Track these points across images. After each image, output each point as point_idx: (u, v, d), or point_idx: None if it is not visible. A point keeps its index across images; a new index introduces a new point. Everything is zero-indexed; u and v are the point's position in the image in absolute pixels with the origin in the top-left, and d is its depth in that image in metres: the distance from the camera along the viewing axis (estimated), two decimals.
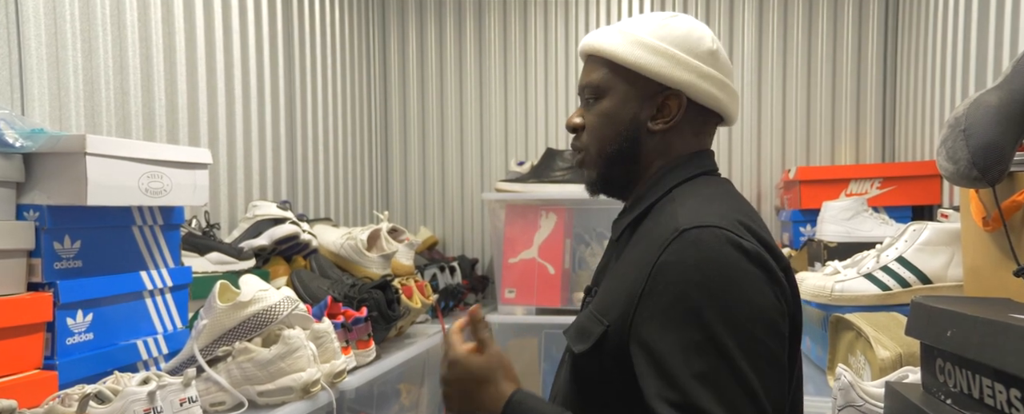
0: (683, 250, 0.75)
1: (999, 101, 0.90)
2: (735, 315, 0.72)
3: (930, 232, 1.22)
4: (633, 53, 0.85)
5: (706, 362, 0.71)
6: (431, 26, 2.67)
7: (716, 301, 0.72)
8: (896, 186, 1.92)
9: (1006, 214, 0.89)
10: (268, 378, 1.13)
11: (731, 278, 0.73)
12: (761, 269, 0.75)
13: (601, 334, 0.80)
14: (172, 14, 1.58)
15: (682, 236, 0.76)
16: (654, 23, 0.87)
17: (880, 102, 2.39)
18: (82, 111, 1.33)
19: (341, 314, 1.41)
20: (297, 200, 2.12)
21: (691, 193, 0.84)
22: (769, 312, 0.74)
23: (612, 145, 0.87)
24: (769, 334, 0.74)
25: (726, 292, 0.73)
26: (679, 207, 0.81)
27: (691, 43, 0.86)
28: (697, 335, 0.72)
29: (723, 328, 0.71)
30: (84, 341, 1.03)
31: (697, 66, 0.85)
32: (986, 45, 1.56)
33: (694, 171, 0.87)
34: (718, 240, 0.74)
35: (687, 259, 0.74)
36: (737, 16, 2.46)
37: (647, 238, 0.81)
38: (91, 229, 1.04)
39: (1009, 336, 0.57)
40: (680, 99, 0.85)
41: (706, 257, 0.74)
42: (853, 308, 1.22)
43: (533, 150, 2.62)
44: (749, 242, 0.75)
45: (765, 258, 0.76)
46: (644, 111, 0.86)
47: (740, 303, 0.73)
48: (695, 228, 0.76)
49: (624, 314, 0.78)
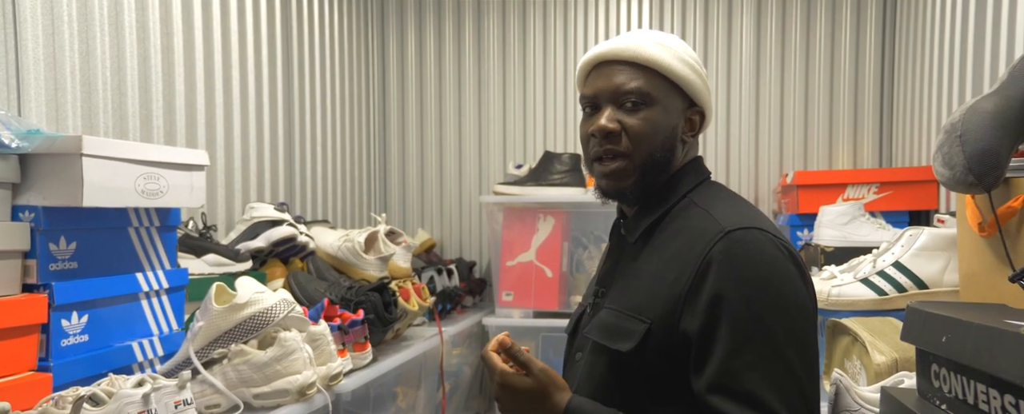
0: (731, 249, 0.81)
1: (995, 107, 0.90)
2: (784, 310, 0.80)
3: (926, 237, 1.22)
4: (682, 70, 0.91)
5: (758, 353, 0.78)
6: (430, 28, 2.67)
7: (764, 296, 0.79)
8: (893, 191, 1.93)
9: (1001, 220, 0.89)
10: (264, 380, 1.12)
11: (778, 275, 0.80)
12: (798, 269, 0.83)
13: (644, 332, 0.84)
14: (170, 15, 1.58)
15: (729, 236, 0.82)
16: (678, 42, 0.94)
17: (877, 107, 2.40)
18: (79, 112, 1.33)
19: (338, 316, 1.40)
20: (295, 202, 2.12)
21: (710, 196, 0.91)
22: (808, 307, 0.83)
23: (659, 152, 0.91)
24: (808, 325, 0.82)
25: (774, 288, 0.80)
26: (711, 210, 0.87)
27: (700, 64, 0.95)
28: (748, 327, 0.78)
29: (773, 321, 0.79)
30: (79, 343, 1.02)
31: (707, 86, 0.95)
32: (983, 51, 1.57)
33: (701, 176, 0.95)
34: (762, 241, 0.82)
35: (736, 257, 0.81)
36: (735, 22, 2.47)
37: (681, 238, 0.87)
38: (87, 230, 1.04)
39: (1004, 342, 0.57)
40: (703, 115, 0.95)
41: (754, 256, 0.81)
42: (849, 313, 1.22)
43: (531, 153, 2.62)
44: (785, 243, 0.84)
45: (797, 257, 0.84)
46: (681, 123, 0.93)
47: (787, 299, 0.80)
48: (740, 230, 0.82)
49: (669, 312, 0.83)
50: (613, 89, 0.90)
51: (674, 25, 2.50)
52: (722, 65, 2.48)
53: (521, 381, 0.88)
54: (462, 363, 2.23)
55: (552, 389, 0.87)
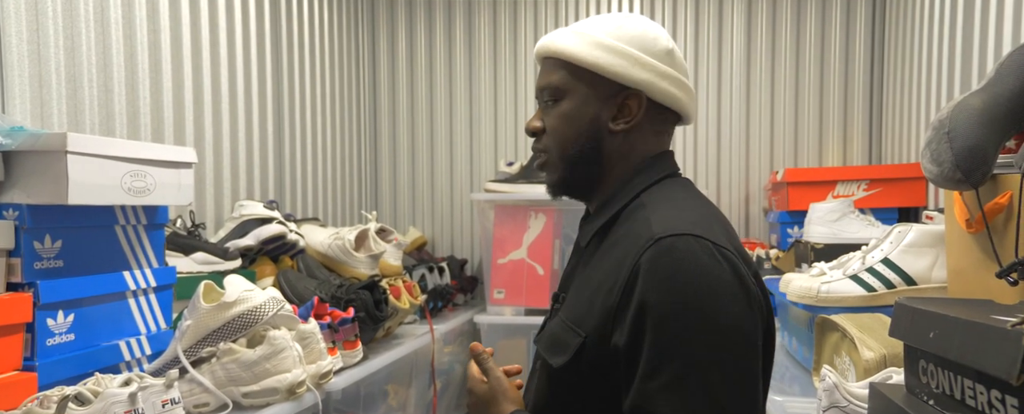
0: (658, 258, 0.73)
1: (982, 104, 0.91)
2: (710, 327, 0.71)
3: (915, 234, 1.22)
4: (592, 54, 0.84)
5: (676, 375, 0.70)
6: (420, 25, 2.66)
7: (691, 311, 0.71)
8: (882, 188, 1.94)
9: (989, 216, 0.89)
10: (253, 379, 1.12)
11: (707, 288, 0.72)
12: (735, 278, 0.74)
13: (579, 346, 0.79)
14: (157, 11, 1.56)
15: (657, 244, 0.74)
16: (610, 24, 0.86)
17: (867, 105, 2.41)
18: (65, 109, 1.32)
19: (328, 314, 1.40)
20: (285, 200, 2.11)
21: (661, 197, 0.83)
22: (743, 322, 0.73)
23: (573, 147, 0.86)
24: (742, 346, 0.73)
25: (701, 302, 0.72)
26: (652, 213, 0.79)
27: (648, 42, 0.85)
28: (672, 345, 0.71)
29: (697, 339, 0.71)
30: (65, 342, 1.01)
31: (655, 65, 0.84)
32: (971, 48, 1.58)
33: (660, 174, 0.86)
34: (694, 249, 0.73)
35: (662, 267, 0.73)
36: (726, 19, 2.47)
37: (620, 245, 0.80)
38: (73, 229, 1.03)
39: (990, 338, 0.57)
40: (640, 99, 0.84)
41: (681, 266, 0.73)
42: (839, 309, 1.22)
43: (523, 150, 2.62)
44: (725, 250, 0.75)
45: (739, 267, 0.75)
46: (605, 112, 0.85)
47: (715, 315, 0.72)
48: (670, 236, 0.74)
49: (603, 324, 0.77)
50: (537, 87, 0.90)
51: (665, 21, 2.51)
52: (713, 63, 2.49)
53: (478, 386, 0.90)
54: (453, 361, 2.23)
55: (500, 398, 0.87)
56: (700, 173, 2.52)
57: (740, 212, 2.51)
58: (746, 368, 0.73)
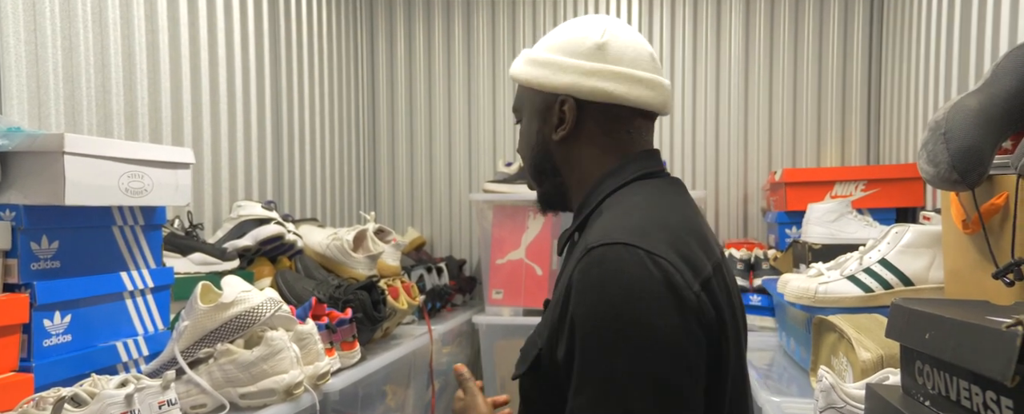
0: (589, 269, 0.71)
1: (979, 105, 0.91)
2: (634, 343, 0.68)
3: (912, 234, 1.22)
4: (524, 71, 0.86)
5: (595, 393, 0.69)
6: (419, 24, 2.66)
7: (614, 325, 0.68)
8: (880, 188, 1.94)
9: (985, 217, 0.90)
10: (250, 380, 1.12)
11: (633, 301, 0.68)
12: (669, 290, 0.69)
13: (535, 357, 0.79)
14: (155, 11, 1.56)
15: (589, 255, 0.72)
16: (550, 35, 0.87)
17: (865, 105, 2.41)
18: (62, 110, 1.31)
19: (325, 315, 1.40)
20: (283, 200, 2.11)
21: (617, 203, 0.80)
22: (671, 335, 0.69)
23: (530, 162, 0.89)
24: (668, 359, 0.69)
25: (624, 315, 0.68)
26: (602, 220, 0.78)
27: (574, 45, 0.83)
28: (594, 362, 0.69)
29: (620, 356, 0.68)
30: (62, 343, 1.01)
31: (577, 65, 0.82)
32: (968, 48, 1.58)
33: (627, 178, 0.82)
34: (624, 259, 0.70)
35: (591, 278, 0.71)
36: (724, 20, 2.47)
37: (572, 255, 0.80)
38: (70, 229, 1.03)
39: (984, 339, 0.57)
40: (569, 103, 0.83)
41: (608, 277, 0.70)
42: (836, 310, 1.22)
43: None
44: (660, 259, 0.70)
45: (674, 277, 0.70)
46: (546, 124, 0.85)
47: (639, 327, 0.68)
48: (602, 246, 0.71)
49: (551, 336, 0.77)
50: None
51: (664, 23, 2.51)
52: (711, 64, 2.49)
53: (456, 404, 0.97)
54: (452, 361, 2.22)
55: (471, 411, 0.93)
56: (698, 174, 2.52)
57: (738, 212, 2.51)
58: (672, 383, 0.69)
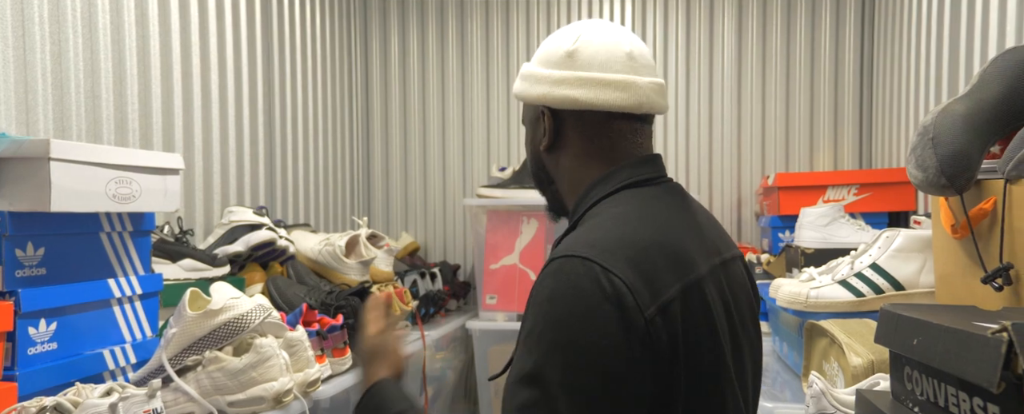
0: (544, 279, 0.72)
1: (966, 110, 0.91)
2: (571, 353, 0.68)
3: (903, 239, 1.22)
4: (516, 85, 0.90)
5: (529, 395, 0.68)
6: (413, 30, 2.66)
7: (555, 336, 0.68)
8: (872, 192, 1.94)
9: (973, 222, 0.90)
10: (239, 388, 1.11)
11: (576, 313, 0.68)
12: (616, 306, 0.68)
13: (509, 360, 0.78)
14: (146, 17, 1.56)
15: (549, 265, 0.72)
16: (537, 54, 0.89)
17: (857, 109, 2.42)
18: (50, 115, 1.31)
19: (316, 322, 1.39)
20: (276, 206, 2.10)
21: (598, 214, 0.79)
22: (613, 354, 0.67)
23: (531, 170, 0.93)
24: (606, 376, 0.68)
25: (568, 328, 0.68)
26: (575, 232, 0.78)
27: (548, 55, 0.85)
28: (529, 365, 0.69)
29: (554, 366, 0.68)
30: (47, 351, 1.00)
31: (547, 75, 0.84)
32: (958, 53, 1.59)
33: (614, 186, 0.81)
34: (577, 272, 0.69)
35: (543, 290, 0.71)
36: (717, 24, 2.48)
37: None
38: (56, 236, 1.02)
39: (971, 345, 0.57)
40: (545, 113, 0.85)
41: (557, 289, 0.70)
42: (828, 314, 1.22)
43: (515, 155, 2.62)
44: (613, 275, 0.69)
45: (626, 296, 0.68)
46: (537, 136, 0.88)
47: (580, 341, 0.67)
48: (561, 258, 0.71)
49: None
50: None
51: (656, 28, 2.51)
52: (705, 68, 2.50)
53: (365, 338, 0.99)
54: (446, 367, 2.22)
55: (378, 360, 0.95)
56: (692, 178, 2.52)
57: (732, 216, 2.51)
58: (605, 400, 0.67)
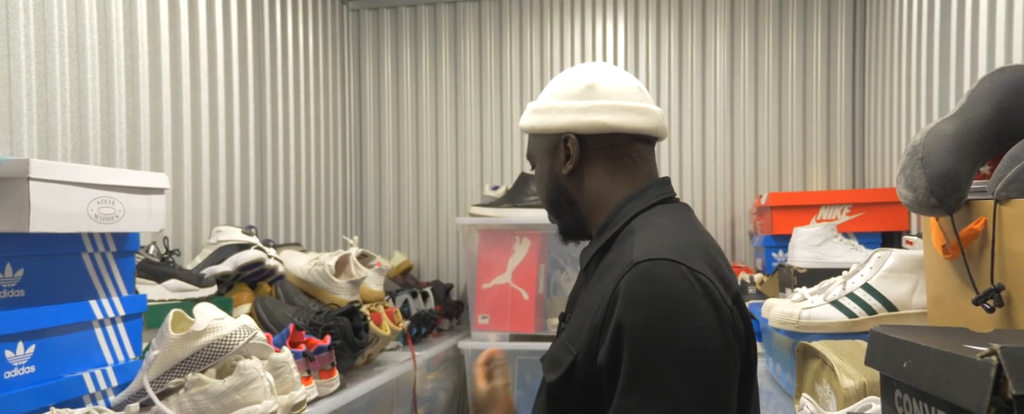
0: (634, 282, 0.78)
1: (955, 130, 0.90)
2: (682, 347, 0.75)
3: (895, 259, 1.21)
4: (530, 119, 0.98)
5: (648, 391, 0.75)
6: (406, 48, 2.67)
7: (664, 332, 0.76)
8: (865, 212, 1.94)
9: (964, 242, 0.89)
10: (222, 411, 1.08)
11: (680, 310, 0.76)
12: (709, 303, 0.77)
13: (570, 363, 0.85)
14: (135, 37, 1.56)
15: (635, 269, 0.79)
16: (547, 88, 0.99)
17: (850, 129, 2.42)
18: (36, 135, 1.30)
19: (303, 342, 1.37)
20: (266, 225, 2.09)
21: (648, 223, 0.88)
22: (714, 344, 0.77)
23: (547, 198, 1.00)
24: (712, 365, 0.77)
25: (674, 323, 0.76)
26: (637, 238, 0.85)
27: (566, 89, 0.96)
28: (644, 364, 0.76)
29: (668, 358, 0.75)
30: (24, 374, 0.98)
31: (572, 105, 0.94)
32: (948, 73, 1.59)
33: (651, 200, 0.93)
34: (669, 274, 0.78)
35: (638, 290, 0.78)
36: (709, 44, 2.49)
37: (609, 269, 0.85)
38: (36, 257, 1.01)
39: (960, 368, 0.56)
40: (571, 139, 0.94)
41: (655, 289, 0.77)
42: (820, 335, 1.21)
43: (508, 174, 2.62)
44: (701, 275, 0.79)
45: (714, 292, 0.78)
46: (555, 162, 0.97)
47: (686, 335, 0.76)
48: (647, 261, 0.79)
49: (589, 343, 0.83)
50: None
51: (649, 48, 2.52)
52: (697, 88, 2.51)
53: (477, 390, 1.03)
54: (437, 388, 2.19)
55: (493, 406, 0.99)
56: (685, 197, 2.51)
57: (726, 236, 2.50)
58: (715, 386, 0.77)
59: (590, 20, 2.56)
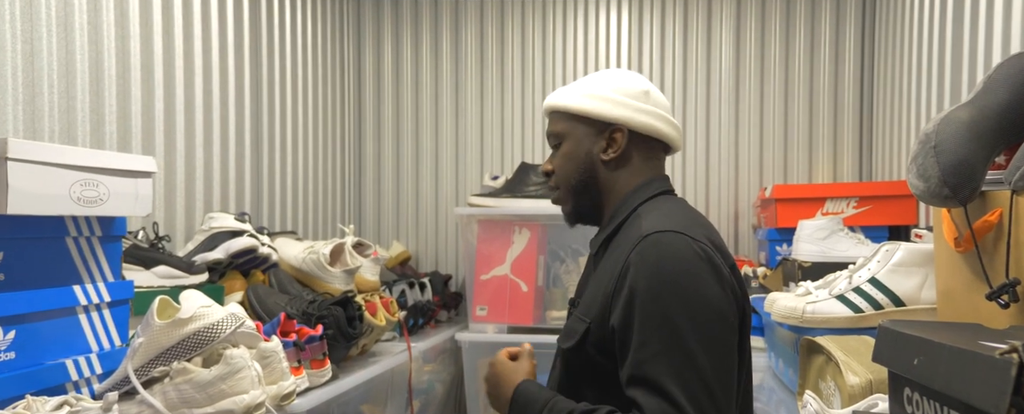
0: (646, 250, 0.90)
1: (970, 117, 0.87)
2: (689, 304, 0.86)
3: (903, 253, 1.18)
4: (582, 102, 1.04)
5: (663, 343, 0.84)
6: (407, 36, 2.63)
7: (673, 291, 0.86)
8: (873, 205, 1.90)
9: (978, 235, 0.85)
10: (207, 401, 1.05)
11: (686, 272, 0.87)
12: (710, 266, 0.89)
13: (584, 330, 0.95)
14: (125, 17, 1.52)
15: (645, 239, 0.91)
16: (599, 78, 1.07)
17: (857, 120, 2.38)
18: (21, 116, 1.27)
19: (294, 332, 1.34)
20: (262, 212, 2.05)
21: (654, 208, 0.99)
22: (717, 302, 0.88)
23: (575, 179, 1.05)
24: (716, 320, 0.87)
25: (681, 284, 0.87)
26: (644, 220, 0.96)
27: (626, 86, 1.04)
28: (657, 320, 0.85)
29: (680, 316, 0.85)
30: (5, 360, 0.96)
31: (632, 103, 1.03)
32: (960, 62, 1.55)
33: (655, 191, 1.03)
34: (676, 242, 0.89)
35: (649, 257, 0.89)
36: (714, 34, 2.45)
37: (619, 248, 0.96)
38: (16, 240, 0.98)
39: (977, 366, 0.52)
40: (623, 131, 1.03)
41: (665, 254, 0.88)
42: (825, 331, 1.17)
43: (509, 164, 2.58)
44: (702, 244, 0.90)
45: (714, 258, 0.90)
46: (596, 147, 1.04)
47: (692, 295, 0.86)
48: (656, 233, 0.91)
49: (602, 309, 0.93)
50: (547, 136, 1.11)
51: (653, 35, 2.48)
52: (702, 79, 2.46)
53: (504, 363, 1.05)
54: (433, 380, 2.16)
55: (515, 374, 1.01)
56: (689, 190, 2.48)
57: (729, 229, 2.46)
58: (721, 339, 0.88)
59: (594, 9, 2.51)
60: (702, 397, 0.82)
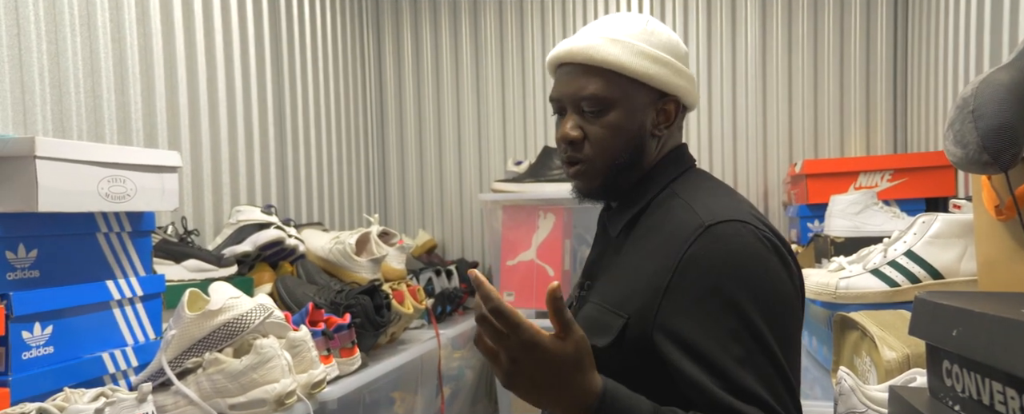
0: (711, 245, 0.79)
1: (1011, 79, 0.82)
2: (766, 303, 0.77)
3: (941, 224, 1.14)
4: (640, 64, 0.86)
5: (745, 347, 0.75)
6: (426, 24, 2.62)
7: (748, 291, 0.77)
8: (908, 178, 1.84)
9: (1020, 202, 0.81)
10: (240, 390, 1.07)
11: (759, 269, 0.78)
12: (779, 259, 0.81)
13: (622, 327, 0.81)
14: (147, 15, 1.54)
15: (709, 231, 0.79)
16: (638, 29, 0.87)
17: (891, 90, 2.30)
18: (49, 115, 1.29)
19: (323, 321, 1.36)
20: (288, 205, 2.08)
21: (692, 187, 0.88)
22: (790, 298, 0.81)
23: (624, 155, 0.87)
24: (792, 318, 0.81)
25: (756, 282, 0.78)
26: (692, 202, 0.84)
27: (677, 49, 0.90)
28: (734, 323, 0.76)
29: (757, 315, 0.76)
30: (42, 355, 0.98)
31: (684, 71, 0.90)
32: (1000, 21, 1.48)
33: (683, 166, 0.92)
34: (741, 234, 0.79)
35: (716, 253, 0.78)
36: (739, 4, 2.38)
37: (660, 232, 0.84)
38: (49, 237, 1.00)
39: (1019, 335, 0.50)
40: (677, 104, 0.90)
41: (734, 250, 0.78)
42: (859, 306, 1.14)
43: (532, 149, 2.56)
44: (767, 234, 0.81)
45: (781, 248, 0.82)
46: (648, 119, 0.88)
47: (769, 292, 0.78)
48: (719, 223, 0.80)
49: (647, 306, 0.80)
50: (572, 95, 0.87)
51: (677, 10, 2.43)
52: (727, 51, 2.40)
53: (557, 347, 0.68)
54: (464, 366, 2.17)
55: (588, 365, 0.71)
56: (716, 167, 2.43)
57: (759, 206, 2.41)
58: (794, 334, 0.82)
59: None
60: (787, 398, 0.77)
